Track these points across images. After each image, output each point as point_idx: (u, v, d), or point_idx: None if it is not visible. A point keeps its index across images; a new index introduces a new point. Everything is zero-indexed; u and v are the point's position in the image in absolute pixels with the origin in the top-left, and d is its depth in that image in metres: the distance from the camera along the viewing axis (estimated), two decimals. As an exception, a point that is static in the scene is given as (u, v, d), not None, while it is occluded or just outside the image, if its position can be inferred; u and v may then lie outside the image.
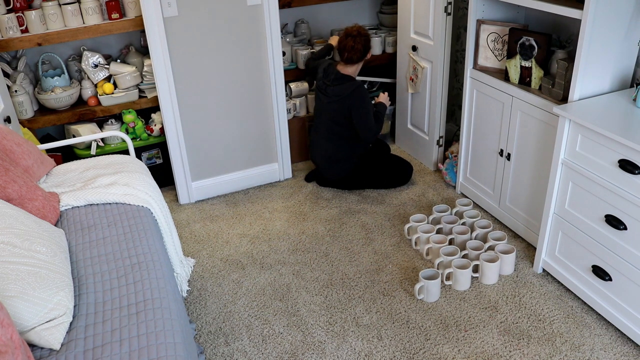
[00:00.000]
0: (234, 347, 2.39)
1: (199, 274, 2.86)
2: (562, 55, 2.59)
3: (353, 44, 3.22)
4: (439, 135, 3.63)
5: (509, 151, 2.87)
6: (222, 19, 3.14)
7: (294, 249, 3.02)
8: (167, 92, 3.19)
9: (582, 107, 2.31)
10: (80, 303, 1.73)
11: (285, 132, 3.62)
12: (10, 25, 3.01)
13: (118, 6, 3.22)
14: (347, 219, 3.25)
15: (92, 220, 2.17)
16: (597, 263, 2.34)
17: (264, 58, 3.35)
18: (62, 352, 1.56)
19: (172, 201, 3.56)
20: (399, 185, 3.53)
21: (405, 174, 3.52)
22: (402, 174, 3.51)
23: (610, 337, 2.33)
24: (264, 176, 3.69)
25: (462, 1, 3.69)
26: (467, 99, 3.11)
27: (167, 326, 1.63)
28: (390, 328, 2.43)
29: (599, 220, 2.27)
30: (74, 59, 3.44)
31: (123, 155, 2.69)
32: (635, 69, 2.49)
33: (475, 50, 2.97)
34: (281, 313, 2.56)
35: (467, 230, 2.88)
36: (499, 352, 2.28)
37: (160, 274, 1.87)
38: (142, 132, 3.48)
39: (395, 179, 3.50)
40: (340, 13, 4.16)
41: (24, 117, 3.21)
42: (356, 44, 3.22)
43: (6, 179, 2.02)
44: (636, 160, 2.03)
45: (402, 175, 3.51)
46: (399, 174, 3.50)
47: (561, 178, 2.42)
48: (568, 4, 2.35)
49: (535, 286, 2.63)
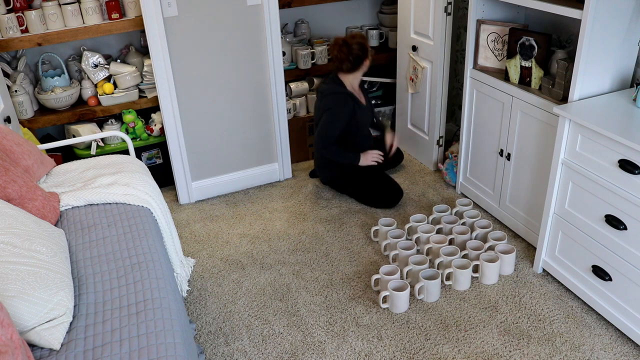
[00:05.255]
0: (234, 347, 2.39)
1: (199, 274, 2.86)
2: (562, 55, 2.59)
3: (337, 53, 3.10)
4: (439, 135, 3.63)
5: (509, 151, 2.87)
6: (222, 19, 3.15)
7: (294, 249, 3.02)
8: (167, 92, 3.19)
9: (582, 107, 2.31)
10: (80, 303, 1.73)
11: (285, 132, 3.62)
12: (10, 25, 3.01)
13: (118, 6, 3.22)
14: (347, 219, 3.25)
15: (92, 220, 2.17)
16: (597, 263, 2.34)
17: (264, 58, 3.35)
18: (62, 352, 1.56)
19: (172, 201, 3.56)
20: (382, 207, 3.31)
21: (393, 198, 3.28)
22: (389, 197, 3.28)
23: (610, 337, 2.33)
24: (264, 176, 3.69)
25: (462, 1, 3.69)
26: (467, 99, 3.11)
27: (167, 326, 1.63)
28: (390, 328, 2.43)
29: (599, 220, 2.27)
30: (74, 59, 3.44)
31: (123, 155, 2.69)
32: (635, 69, 2.49)
33: (475, 50, 2.97)
34: (281, 313, 2.56)
35: (467, 230, 2.88)
36: (499, 352, 2.28)
37: (160, 274, 1.87)
38: (142, 132, 3.48)
39: (380, 201, 3.29)
40: (340, 13, 4.16)
41: (24, 117, 3.21)
42: (340, 54, 3.07)
43: (6, 179, 2.02)
44: (636, 160, 2.03)
45: (388, 199, 3.28)
46: (385, 196, 3.28)
47: (561, 178, 2.42)
48: (568, 4, 2.35)
49: (535, 286, 2.64)
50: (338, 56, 3.10)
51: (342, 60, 3.09)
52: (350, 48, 3.06)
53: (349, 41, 3.08)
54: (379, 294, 2.56)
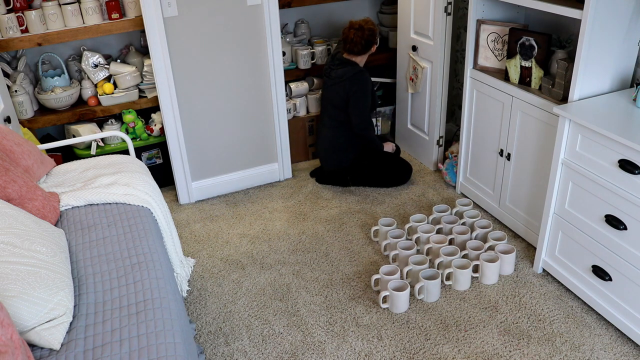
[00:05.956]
0: (234, 347, 2.39)
1: (199, 274, 2.86)
2: (562, 55, 2.59)
3: (353, 36, 3.30)
4: (439, 135, 3.63)
5: (509, 151, 2.87)
6: (222, 19, 3.15)
7: (294, 249, 3.02)
8: (167, 92, 3.19)
9: (582, 107, 2.31)
10: (80, 303, 1.73)
11: (285, 132, 3.62)
12: (10, 25, 3.01)
13: (118, 6, 3.22)
14: (347, 219, 3.25)
15: (92, 220, 2.17)
16: (597, 263, 2.34)
17: (264, 58, 3.35)
18: (62, 352, 1.56)
19: (172, 201, 3.56)
20: (396, 184, 3.54)
21: (404, 175, 3.53)
22: (401, 173, 3.52)
23: (610, 337, 2.33)
24: (264, 176, 3.70)
25: (462, 1, 3.69)
26: (467, 99, 3.11)
27: (167, 326, 1.63)
28: (390, 328, 2.43)
29: (599, 220, 2.27)
30: (74, 59, 3.44)
31: (123, 155, 2.69)
32: (635, 69, 2.49)
33: (475, 50, 2.97)
34: (281, 313, 2.56)
35: (467, 230, 2.88)
36: (499, 352, 2.28)
37: (160, 274, 1.87)
38: (142, 132, 3.48)
39: (394, 179, 3.52)
40: (340, 13, 4.16)
41: (24, 117, 3.21)
42: (355, 37, 3.29)
43: (6, 179, 2.02)
44: (636, 160, 2.03)
45: (401, 176, 3.52)
46: (398, 174, 3.51)
47: (561, 178, 2.42)
48: (568, 4, 2.35)
49: (535, 286, 2.64)
50: (353, 39, 3.30)
51: (356, 43, 3.31)
52: (364, 32, 3.30)
53: (364, 26, 3.30)
54: (379, 294, 2.56)
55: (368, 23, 3.32)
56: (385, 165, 3.52)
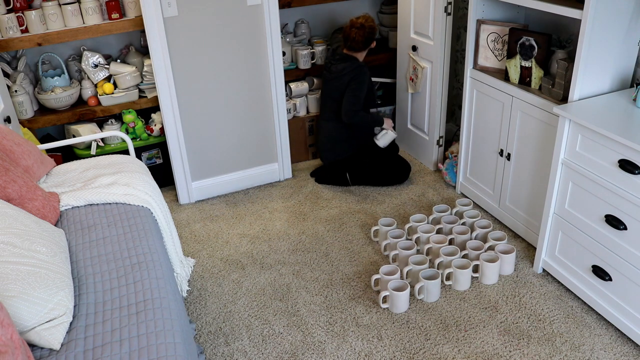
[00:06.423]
0: (234, 347, 2.39)
1: (199, 274, 2.86)
2: (562, 55, 2.59)
3: (354, 35, 3.36)
4: (439, 135, 3.63)
5: (509, 151, 2.87)
6: (222, 19, 3.15)
7: (294, 249, 3.02)
8: (167, 92, 3.19)
9: (582, 107, 2.31)
10: (80, 303, 1.73)
11: (285, 132, 3.62)
12: (10, 25, 3.01)
13: (118, 6, 3.22)
14: (347, 219, 3.25)
15: (92, 220, 2.17)
16: (597, 263, 2.34)
17: (264, 58, 3.35)
18: (62, 352, 1.56)
19: (172, 201, 3.56)
20: (395, 183, 3.56)
21: (403, 173, 3.55)
22: (400, 172, 3.54)
23: (610, 337, 2.33)
24: (264, 176, 3.70)
25: (462, 1, 3.69)
26: (467, 99, 3.11)
27: (167, 326, 1.63)
28: (390, 328, 2.43)
29: (599, 220, 2.27)
30: (74, 59, 3.44)
31: (123, 155, 2.69)
32: (635, 69, 2.49)
33: (475, 50, 2.97)
34: (281, 313, 2.56)
35: (467, 230, 2.88)
36: (499, 352, 2.28)
37: (160, 274, 1.87)
38: (142, 132, 3.48)
39: (392, 177, 3.54)
40: (340, 13, 4.16)
41: (24, 117, 3.21)
42: (357, 36, 3.36)
43: (6, 179, 2.02)
44: (636, 160, 2.03)
45: (400, 174, 3.54)
46: (396, 172, 3.53)
47: (561, 178, 2.42)
48: (568, 4, 2.35)
49: (535, 286, 2.64)
50: (355, 38, 3.38)
51: (357, 41, 3.39)
52: (365, 30, 3.38)
53: (365, 24, 3.39)
54: (379, 294, 2.56)
55: (368, 20, 3.39)
56: (384, 164, 3.53)
